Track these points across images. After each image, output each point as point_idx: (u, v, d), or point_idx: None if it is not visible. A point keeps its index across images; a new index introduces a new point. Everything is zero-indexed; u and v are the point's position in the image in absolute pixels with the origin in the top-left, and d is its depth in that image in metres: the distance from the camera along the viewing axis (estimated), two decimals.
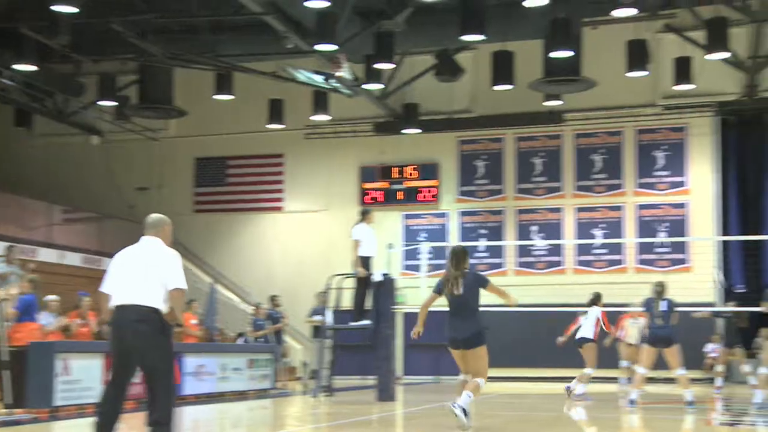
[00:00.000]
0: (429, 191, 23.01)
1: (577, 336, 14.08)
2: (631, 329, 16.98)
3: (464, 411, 8.72)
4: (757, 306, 19.32)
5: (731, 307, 17.88)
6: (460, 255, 9.16)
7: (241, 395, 14.30)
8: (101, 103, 21.17)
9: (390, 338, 13.81)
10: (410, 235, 22.93)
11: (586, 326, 13.97)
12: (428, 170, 23.06)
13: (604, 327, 14.67)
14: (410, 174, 23.14)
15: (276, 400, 14.31)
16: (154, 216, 6.66)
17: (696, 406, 11.86)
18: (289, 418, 12.31)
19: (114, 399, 6.28)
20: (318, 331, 17.80)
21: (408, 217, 23.23)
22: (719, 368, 16.84)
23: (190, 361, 13.29)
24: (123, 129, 23.52)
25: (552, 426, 10.24)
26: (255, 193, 24.49)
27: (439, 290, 9.22)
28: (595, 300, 14.73)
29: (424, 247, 18.52)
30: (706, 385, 18.99)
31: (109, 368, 6.39)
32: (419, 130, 22.22)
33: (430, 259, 21.98)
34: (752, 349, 20.29)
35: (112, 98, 20.61)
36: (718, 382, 15.96)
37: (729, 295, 20.90)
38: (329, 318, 14.57)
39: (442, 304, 9.48)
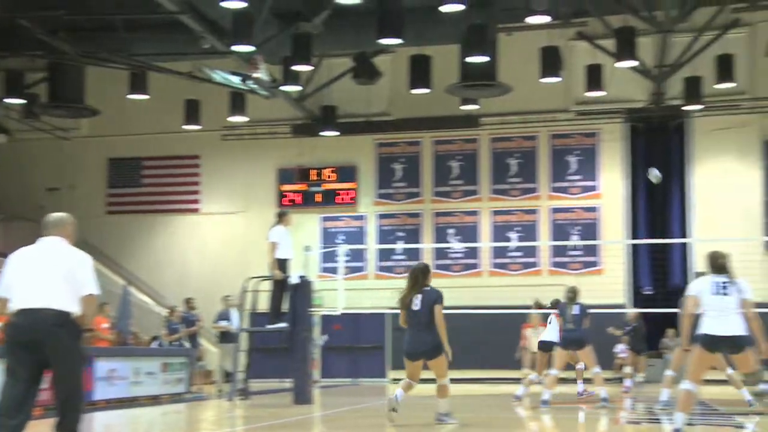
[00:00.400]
0: (347, 194, 23.05)
1: (543, 338, 14.23)
2: (533, 338, 17.29)
3: (448, 414, 9.76)
4: (666, 307, 20.01)
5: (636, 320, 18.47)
6: (418, 273, 9.84)
7: (154, 400, 14.06)
8: (8, 100, 20.55)
9: (307, 341, 13.77)
10: (328, 237, 22.93)
11: (551, 330, 14.09)
12: (346, 173, 23.10)
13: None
14: (328, 176, 23.14)
15: (191, 405, 14.12)
16: (56, 215, 6.41)
17: (610, 404, 12.19)
18: (204, 422, 12.17)
19: (20, 406, 6.05)
20: (225, 335, 17.68)
21: (326, 219, 23.22)
22: (627, 369, 17.31)
23: (102, 366, 13.00)
24: (32, 128, 22.87)
25: (464, 427, 10.37)
26: (171, 194, 24.12)
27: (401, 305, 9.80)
28: (558, 303, 14.88)
29: (342, 250, 18.55)
30: (616, 384, 19.50)
31: (9, 375, 6.09)
32: (337, 133, 22.24)
33: (347, 261, 22.04)
34: (659, 350, 20.99)
35: (20, 96, 20.02)
36: (627, 382, 16.40)
37: (637, 297, 21.54)
38: (236, 321, 14.45)
39: (356, 305, 9.57)
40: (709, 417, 11.46)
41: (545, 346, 13.90)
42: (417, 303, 9.74)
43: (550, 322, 14.01)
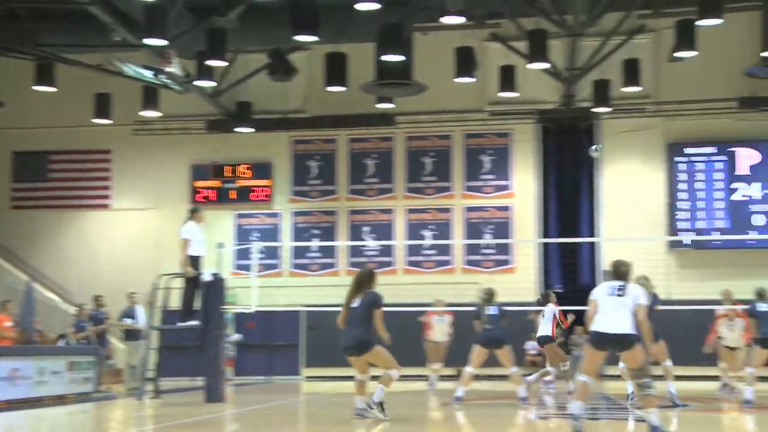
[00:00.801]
0: (262, 191, 22.88)
1: (538, 335, 14.37)
2: (438, 326, 17.51)
3: (380, 405, 10.00)
4: (575, 305, 20.47)
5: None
6: (363, 278, 10.49)
7: (60, 400, 13.69)
8: None
9: (219, 338, 13.65)
10: (243, 234, 22.72)
11: (545, 325, 14.22)
12: (261, 170, 22.93)
13: (561, 324, 14.99)
14: (243, 173, 22.93)
15: (98, 404, 13.81)
16: None
17: (527, 402, 12.41)
18: (113, 421, 11.93)
19: None
20: (130, 333, 17.39)
21: (240, 216, 23.01)
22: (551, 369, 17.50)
23: (4, 365, 12.60)
24: None
25: (371, 425, 10.42)
26: (79, 189, 23.54)
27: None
28: (548, 298, 15.04)
29: (256, 247, 18.38)
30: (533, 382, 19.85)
31: None
32: (252, 129, 22.04)
33: (262, 259, 21.88)
34: (568, 346, 21.47)
35: None
36: (549, 378, 16.59)
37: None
38: (142, 319, 14.22)
39: (270, 303, 9.53)
40: (613, 411, 11.81)
41: (541, 342, 14.04)
42: (356, 302, 10.26)
43: (543, 317, 13.97)
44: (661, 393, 12.33)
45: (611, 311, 8.22)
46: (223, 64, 17.57)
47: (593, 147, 18.46)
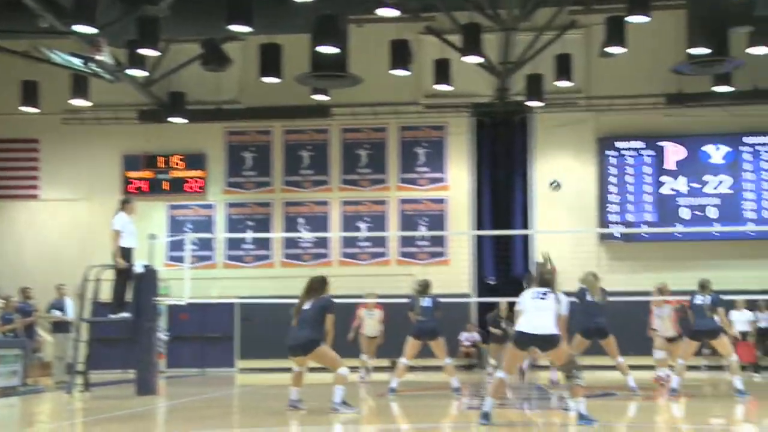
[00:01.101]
0: (196, 182, 22.64)
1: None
2: (368, 320, 17.56)
3: (344, 403, 10.19)
4: (508, 296, 20.73)
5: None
6: (315, 284, 10.74)
7: None
8: None
9: (151, 331, 13.50)
10: (176, 226, 22.45)
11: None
12: (195, 160, 22.67)
13: None
14: (176, 164, 22.65)
15: (26, 398, 13.51)
16: None
17: (461, 393, 12.54)
18: (41, 415, 11.70)
19: None
20: (58, 325, 17.08)
21: (173, 207, 22.73)
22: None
23: None
24: None
25: (305, 417, 10.43)
26: (6, 179, 22.96)
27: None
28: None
29: (189, 239, 18.15)
30: (465, 372, 20.09)
31: None
32: (186, 120, 21.75)
33: (196, 250, 21.66)
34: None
35: None
36: (489, 369, 16.77)
37: (482, 286, 22.23)
38: (70, 311, 13.99)
39: (204, 295, 9.44)
40: (543, 401, 12.03)
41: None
42: (308, 304, 10.54)
43: None
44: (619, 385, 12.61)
45: (534, 312, 8.60)
46: (155, 53, 17.29)
47: (552, 182, 18.91)
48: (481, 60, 18.42)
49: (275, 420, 9.72)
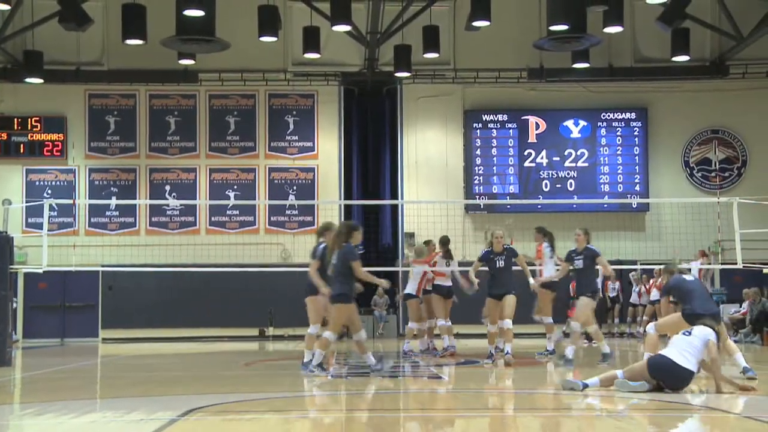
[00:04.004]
0: (55, 145, 21.79)
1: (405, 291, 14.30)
2: None
3: (321, 366, 10.26)
4: (377, 266, 21.01)
5: None
6: (342, 230, 10.42)
7: None
8: None
9: (5, 299, 12.99)
10: (34, 191, 21.56)
11: (411, 282, 14.08)
12: (54, 123, 21.80)
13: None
14: (34, 126, 21.72)
15: None
16: None
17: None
18: None
19: None
20: None
21: (31, 171, 21.83)
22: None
23: None
24: None
25: (175, 383, 10.35)
26: None
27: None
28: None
29: (48, 204, 17.49)
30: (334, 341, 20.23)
31: None
32: (42, 80, 20.77)
33: (56, 216, 20.93)
34: (371, 306, 22.06)
35: None
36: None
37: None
38: None
39: (65, 263, 9.12)
40: (414, 369, 12.33)
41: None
42: (335, 257, 10.29)
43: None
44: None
45: None
46: (5, 6, 16.42)
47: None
48: (349, 29, 18.44)
49: (136, 390, 9.58)
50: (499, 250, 11.96)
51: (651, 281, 19.64)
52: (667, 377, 8.30)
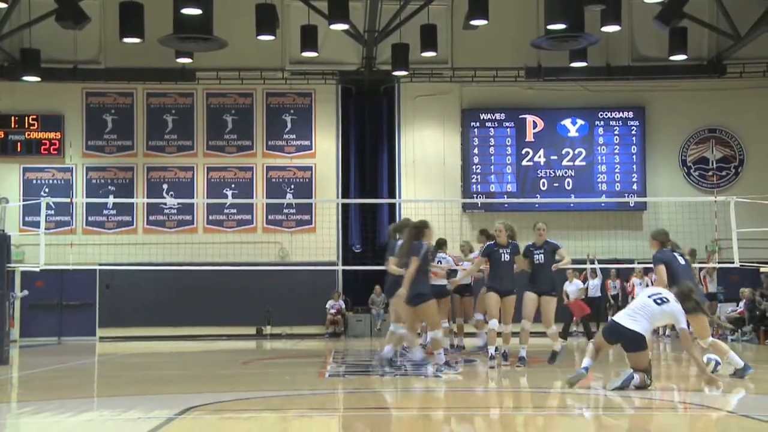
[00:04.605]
0: (52, 144, 21.77)
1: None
2: None
3: (447, 364, 10.24)
4: (374, 264, 21.00)
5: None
6: (412, 228, 10.45)
7: None
8: None
9: (2, 298, 12.97)
10: (32, 189, 21.53)
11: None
12: (51, 122, 21.76)
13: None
14: (31, 124, 21.69)
15: None
16: None
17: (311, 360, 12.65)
18: None
19: None
20: None
21: (28, 170, 21.80)
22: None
23: None
24: None
25: (172, 382, 10.35)
26: None
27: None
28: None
29: (45, 203, 17.49)
30: (330, 339, 20.30)
31: None
32: (40, 79, 20.73)
33: (52, 215, 20.91)
34: (368, 306, 22.10)
35: None
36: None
37: (348, 254, 22.44)
38: None
39: (62, 261, 9.09)
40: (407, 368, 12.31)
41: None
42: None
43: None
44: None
45: None
46: (2, 5, 16.38)
47: None
48: (347, 27, 18.43)
49: (133, 389, 9.57)
50: (503, 242, 11.42)
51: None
52: (619, 339, 8.76)
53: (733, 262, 15.04)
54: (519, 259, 11.49)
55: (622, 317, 8.79)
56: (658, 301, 8.76)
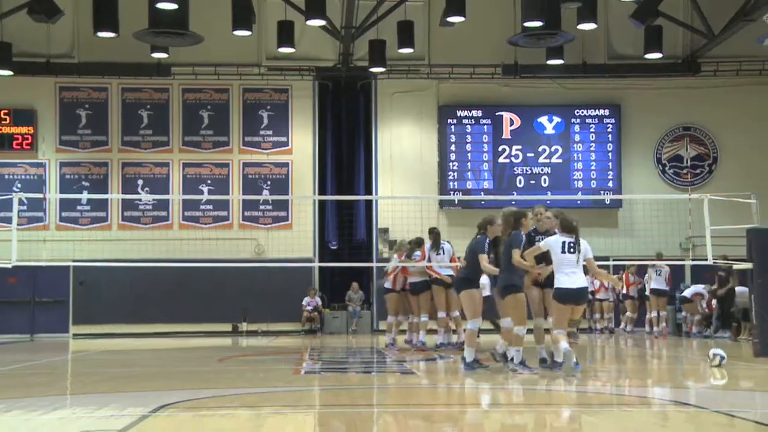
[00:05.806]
0: (25, 139, 21.54)
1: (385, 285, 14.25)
2: None
3: (523, 363, 9.80)
4: (351, 261, 20.97)
5: None
6: (509, 219, 10.13)
7: None
8: None
9: None
10: (4, 184, 21.31)
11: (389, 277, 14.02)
12: (24, 116, 21.56)
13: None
14: (3, 119, 21.45)
15: None
16: None
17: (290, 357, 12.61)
18: None
19: None
20: None
21: (0, 165, 21.58)
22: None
23: None
24: None
25: (147, 379, 10.26)
26: None
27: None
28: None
29: (17, 198, 17.27)
30: (307, 337, 20.25)
31: None
32: (12, 73, 20.50)
33: (25, 211, 20.71)
34: (345, 302, 22.06)
35: None
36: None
37: (325, 251, 22.37)
38: None
39: (34, 258, 8.98)
40: (383, 365, 12.31)
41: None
42: (502, 248, 10.08)
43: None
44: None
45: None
46: None
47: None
48: (323, 23, 18.37)
49: (107, 386, 9.48)
50: (544, 229, 10.27)
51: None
52: (573, 300, 9.48)
53: (706, 260, 15.14)
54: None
55: (565, 282, 9.48)
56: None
